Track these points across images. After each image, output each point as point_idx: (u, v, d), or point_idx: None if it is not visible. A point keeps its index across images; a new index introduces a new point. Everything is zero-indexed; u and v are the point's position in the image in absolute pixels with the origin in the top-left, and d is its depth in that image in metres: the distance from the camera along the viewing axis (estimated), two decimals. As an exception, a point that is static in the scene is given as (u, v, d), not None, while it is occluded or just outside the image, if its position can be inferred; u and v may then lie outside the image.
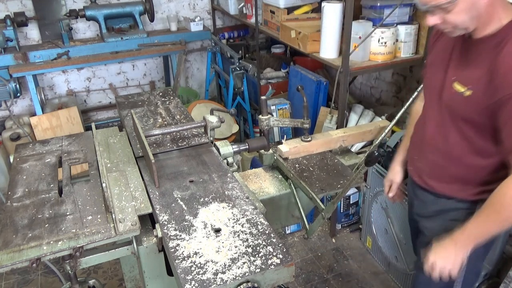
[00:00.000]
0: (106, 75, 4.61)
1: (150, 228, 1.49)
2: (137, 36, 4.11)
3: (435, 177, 1.60)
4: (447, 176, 1.56)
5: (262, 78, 3.99)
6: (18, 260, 1.23)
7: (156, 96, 2.36)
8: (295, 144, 1.91)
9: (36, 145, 1.90)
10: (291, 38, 3.01)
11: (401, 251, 2.55)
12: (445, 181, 1.57)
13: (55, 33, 4.09)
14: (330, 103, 3.04)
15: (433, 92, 1.54)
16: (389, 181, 1.89)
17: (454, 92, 1.41)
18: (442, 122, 1.50)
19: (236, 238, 1.26)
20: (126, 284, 2.04)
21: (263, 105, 1.87)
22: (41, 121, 3.86)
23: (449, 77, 1.45)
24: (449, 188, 1.56)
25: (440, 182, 1.59)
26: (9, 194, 1.54)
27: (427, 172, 1.62)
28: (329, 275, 2.78)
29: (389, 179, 1.89)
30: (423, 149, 1.61)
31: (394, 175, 1.86)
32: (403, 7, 2.64)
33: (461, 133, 1.45)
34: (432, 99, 1.55)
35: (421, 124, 1.66)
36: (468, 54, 1.40)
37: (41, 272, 2.86)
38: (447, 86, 1.45)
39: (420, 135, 1.64)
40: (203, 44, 4.85)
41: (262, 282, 1.15)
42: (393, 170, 1.87)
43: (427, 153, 1.60)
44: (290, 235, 3.16)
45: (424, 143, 1.60)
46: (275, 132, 3.61)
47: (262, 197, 1.74)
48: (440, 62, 1.52)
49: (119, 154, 1.81)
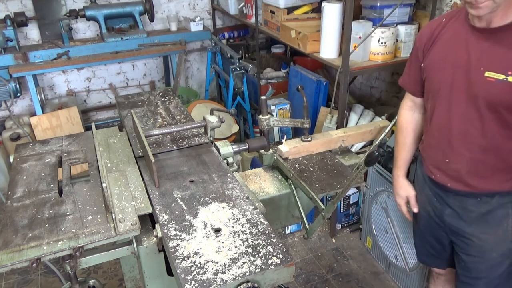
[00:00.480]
0: (106, 75, 4.61)
1: (150, 228, 1.49)
2: (137, 36, 4.11)
3: (476, 174, 1.54)
4: (489, 169, 1.52)
5: (262, 78, 3.99)
6: (18, 260, 1.23)
7: (156, 96, 2.36)
8: (295, 144, 1.91)
9: (36, 145, 1.90)
10: (291, 38, 3.01)
11: (401, 251, 2.55)
12: (487, 175, 1.53)
13: (55, 33, 4.09)
14: (330, 103, 3.04)
15: (448, 89, 1.51)
16: (403, 198, 1.83)
17: (490, 81, 1.39)
18: (475, 114, 1.46)
19: (236, 238, 1.26)
20: (126, 284, 2.04)
21: (263, 105, 1.87)
22: (41, 121, 3.86)
23: (474, 69, 1.43)
24: (491, 182, 1.53)
25: (482, 177, 1.54)
26: (9, 194, 1.54)
27: (466, 171, 1.56)
28: (329, 275, 2.78)
29: (402, 197, 1.83)
30: (454, 148, 1.56)
31: (406, 190, 1.82)
32: (403, 7, 2.64)
33: (502, 122, 1.43)
34: (451, 96, 1.51)
35: (437, 125, 1.61)
36: (494, 42, 1.39)
37: (41, 272, 2.85)
38: (476, 78, 1.42)
39: (445, 136, 1.58)
40: (203, 44, 4.85)
41: (262, 282, 1.14)
42: (402, 185, 1.82)
43: (462, 151, 1.54)
44: (290, 235, 3.16)
45: (453, 142, 1.55)
46: (275, 132, 3.61)
47: (262, 197, 1.74)
48: (452, 59, 1.50)
49: (119, 154, 1.81)
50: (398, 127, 1.84)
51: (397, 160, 1.83)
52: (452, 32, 1.52)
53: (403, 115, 1.81)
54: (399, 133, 1.82)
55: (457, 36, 1.49)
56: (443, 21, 1.57)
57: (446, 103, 1.54)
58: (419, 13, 2.79)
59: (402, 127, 1.81)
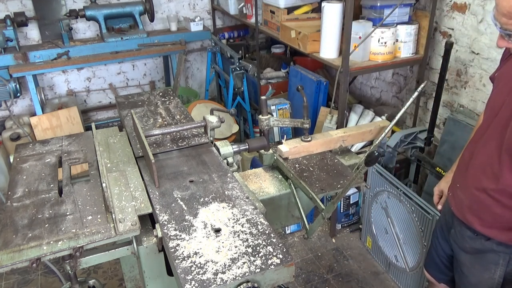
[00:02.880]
0: (106, 75, 4.61)
1: (150, 228, 1.49)
2: (137, 36, 4.11)
3: (476, 214, 1.44)
4: (490, 216, 1.41)
5: (262, 78, 3.99)
6: (18, 260, 1.23)
7: (156, 96, 2.36)
8: (295, 144, 1.91)
9: (36, 145, 1.90)
10: (291, 38, 3.01)
11: (401, 251, 2.55)
12: (487, 221, 1.43)
13: (55, 33, 4.09)
14: (330, 103, 3.04)
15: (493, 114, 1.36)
16: (439, 191, 1.78)
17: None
18: (499, 156, 1.31)
19: (236, 238, 1.26)
20: (126, 284, 2.04)
21: (263, 105, 1.87)
22: (41, 121, 3.86)
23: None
24: (490, 229, 1.43)
25: (481, 220, 1.44)
26: (9, 194, 1.54)
27: (468, 206, 1.47)
28: (329, 275, 2.78)
29: (439, 189, 1.77)
30: (468, 179, 1.45)
31: (446, 184, 1.72)
32: (403, 7, 2.64)
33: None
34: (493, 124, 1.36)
35: (472, 146, 1.47)
36: None
37: (41, 272, 2.85)
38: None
39: (467, 160, 1.46)
40: (203, 44, 4.85)
41: (262, 282, 1.14)
42: (447, 179, 1.73)
43: (471, 185, 1.43)
44: (290, 235, 3.16)
45: (469, 172, 1.43)
46: (275, 132, 3.61)
47: (262, 197, 1.74)
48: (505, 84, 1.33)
49: (119, 154, 1.81)
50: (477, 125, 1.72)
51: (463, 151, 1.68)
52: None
53: None
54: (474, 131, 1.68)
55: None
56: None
57: (486, 129, 1.41)
58: (419, 13, 2.79)
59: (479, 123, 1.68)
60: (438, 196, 1.80)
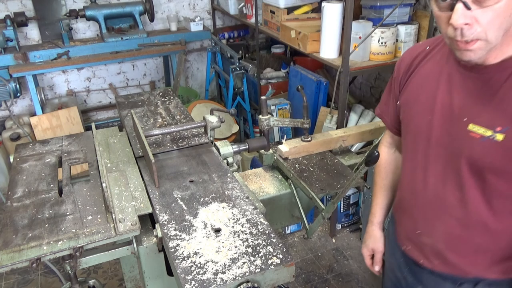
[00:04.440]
0: (106, 75, 4.61)
1: (150, 228, 1.49)
2: (137, 36, 4.11)
3: (455, 251, 1.20)
4: (471, 248, 1.18)
5: (262, 78, 3.99)
6: (18, 260, 1.23)
7: (156, 96, 2.36)
8: (295, 144, 1.91)
9: (36, 145, 1.90)
10: (291, 38, 3.01)
11: (401, 251, 2.54)
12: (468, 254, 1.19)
13: (55, 33, 4.09)
14: (330, 103, 3.04)
15: (424, 141, 1.19)
16: (369, 251, 1.55)
17: (473, 137, 1.06)
18: (454, 177, 1.13)
19: (236, 238, 1.26)
20: (126, 284, 2.04)
21: (263, 105, 1.87)
22: (41, 121, 3.86)
23: (456, 119, 1.10)
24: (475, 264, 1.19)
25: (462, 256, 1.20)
26: (9, 194, 1.54)
27: (443, 247, 1.22)
28: (329, 275, 2.78)
29: (369, 248, 1.54)
30: (428, 218, 1.23)
31: (375, 242, 1.52)
32: (403, 7, 2.64)
33: (488, 190, 1.09)
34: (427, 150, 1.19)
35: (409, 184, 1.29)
36: (484, 85, 1.05)
37: (41, 272, 2.86)
38: (457, 131, 1.10)
39: (417, 201, 1.26)
40: (203, 44, 4.85)
41: (262, 282, 1.14)
42: (372, 235, 1.52)
43: (435, 222, 1.21)
44: (290, 235, 3.16)
45: (427, 210, 1.23)
46: (275, 132, 3.61)
47: (262, 197, 1.74)
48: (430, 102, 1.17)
49: (119, 154, 1.81)
50: (376, 167, 1.53)
51: (373, 205, 1.53)
52: (433, 66, 1.18)
53: (382, 152, 1.50)
54: (377, 174, 1.52)
55: (439, 71, 1.16)
56: (426, 48, 1.24)
57: (422, 158, 1.21)
58: (419, 13, 2.79)
59: (380, 167, 1.50)
60: (369, 257, 1.57)
